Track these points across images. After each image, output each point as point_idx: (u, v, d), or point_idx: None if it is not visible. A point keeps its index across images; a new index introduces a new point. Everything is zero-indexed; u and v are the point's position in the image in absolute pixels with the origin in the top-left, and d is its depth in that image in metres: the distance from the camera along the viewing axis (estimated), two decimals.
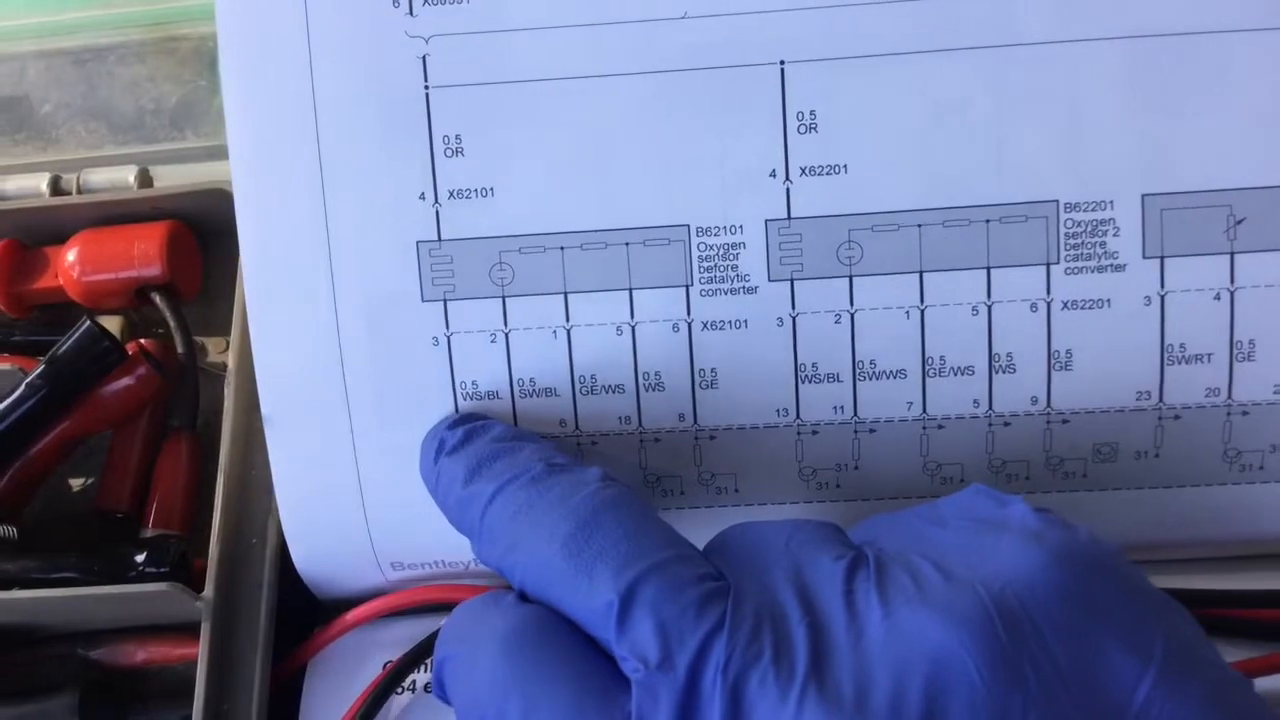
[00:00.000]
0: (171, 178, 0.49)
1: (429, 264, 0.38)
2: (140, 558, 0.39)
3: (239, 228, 0.38)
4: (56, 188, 0.48)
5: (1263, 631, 0.38)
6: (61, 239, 0.47)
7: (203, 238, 0.48)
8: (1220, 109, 0.36)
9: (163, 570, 0.39)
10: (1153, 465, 0.38)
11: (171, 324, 0.45)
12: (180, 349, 0.45)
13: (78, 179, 0.48)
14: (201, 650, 0.38)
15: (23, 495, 0.44)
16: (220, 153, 0.50)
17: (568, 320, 0.38)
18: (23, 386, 0.41)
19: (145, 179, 0.48)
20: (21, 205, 0.47)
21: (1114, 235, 0.36)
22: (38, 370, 0.41)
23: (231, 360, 0.43)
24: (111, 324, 0.47)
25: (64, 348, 0.41)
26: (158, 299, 0.46)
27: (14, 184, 0.48)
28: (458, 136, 0.37)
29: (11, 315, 0.47)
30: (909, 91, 0.37)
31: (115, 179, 0.48)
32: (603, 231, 0.37)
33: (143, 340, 0.46)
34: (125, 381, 0.44)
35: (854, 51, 0.37)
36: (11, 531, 0.42)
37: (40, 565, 0.39)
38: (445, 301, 0.38)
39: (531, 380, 0.38)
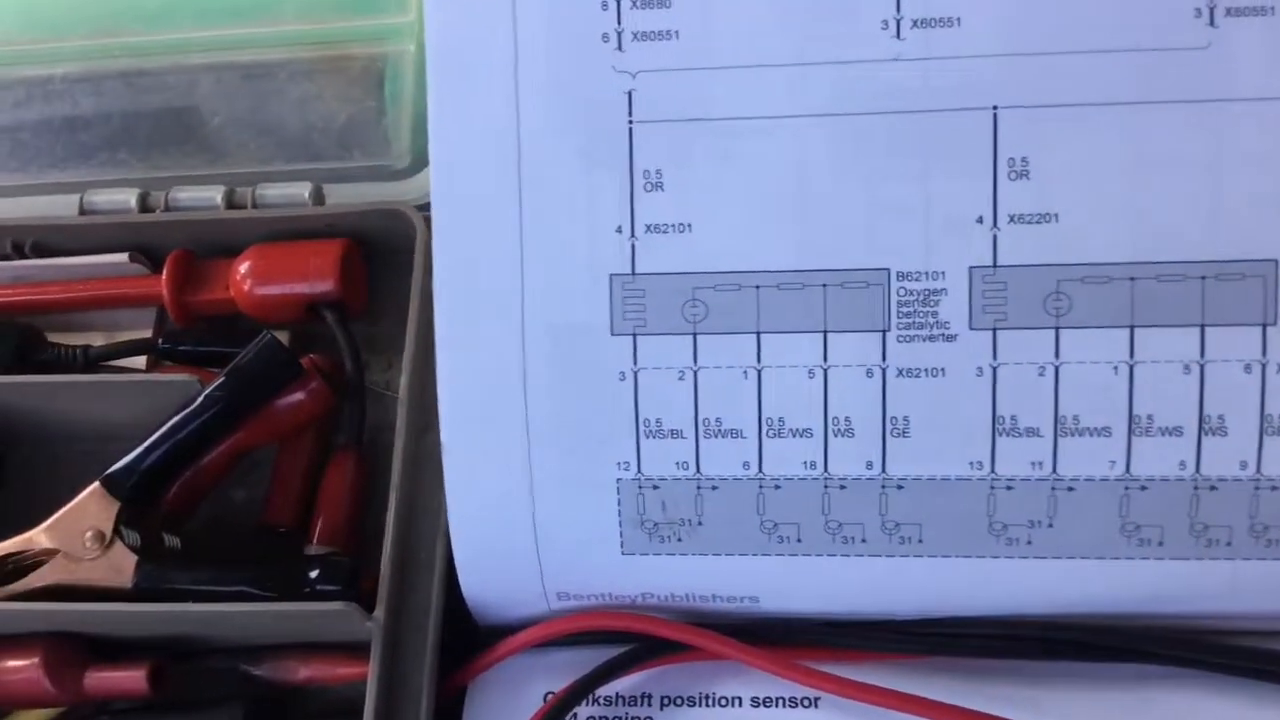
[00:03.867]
0: (339, 196, 0.49)
1: (621, 297, 0.37)
2: (314, 574, 0.38)
3: (434, 251, 0.38)
4: (231, 201, 0.48)
5: None
6: (232, 252, 0.47)
7: (369, 257, 0.48)
8: None
9: (335, 588, 0.39)
10: None
11: (341, 341, 0.45)
12: (349, 366, 0.45)
13: (252, 193, 0.48)
14: (371, 670, 0.38)
15: (189, 507, 0.44)
16: (386, 173, 0.50)
17: (759, 361, 0.37)
18: (202, 397, 0.41)
19: (319, 196, 0.48)
20: (196, 217, 0.48)
21: None
22: (218, 382, 0.41)
23: (405, 382, 0.43)
24: (280, 339, 0.47)
25: (246, 360, 0.41)
26: (328, 316, 0.46)
27: (187, 195, 0.49)
28: (658, 171, 0.37)
29: (179, 325, 0.47)
30: (1123, 141, 0.36)
31: (290, 195, 0.48)
32: (800, 272, 0.37)
33: (313, 356, 0.45)
34: (297, 396, 0.43)
35: (1069, 99, 0.36)
36: (176, 542, 0.42)
37: (212, 577, 0.39)
38: (635, 336, 0.37)
39: (718, 420, 0.38)
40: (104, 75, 0.53)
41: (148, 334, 0.48)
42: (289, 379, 0.42)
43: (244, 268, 0.46)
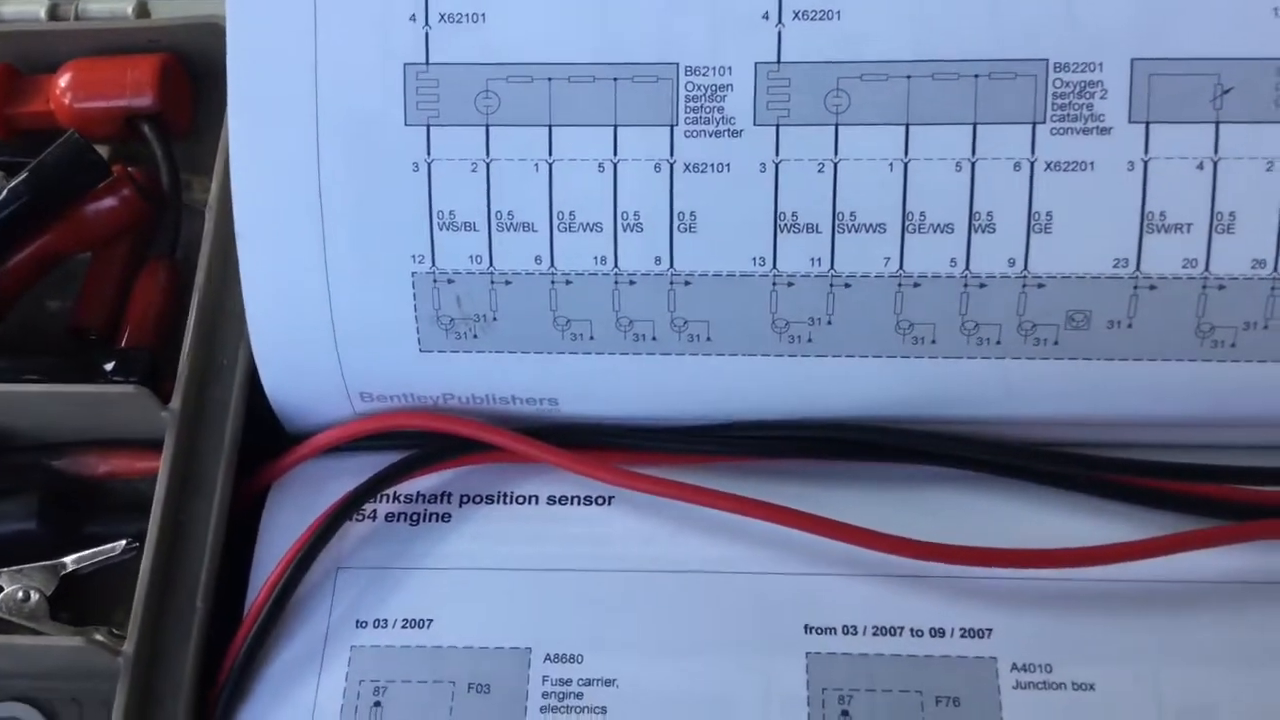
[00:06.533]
0: (164, 12, 0.49)
1: (415, 87, 0.38)
2: (110, 366, 0.39)
3: (228, 42, 0.38)
4: (54, 14, 0.48)
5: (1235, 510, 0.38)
6: (55, 67, 0.47)
7: (196, 78, 0.48)
8: None
9: (131, 380, 0.39)
10: (1125, 336, 0.37)
11: (158, 153, 0.45)
12: (165, 179, 0.45)
13: (75, 7, 0.48)
14: (164, 460, 0.38)
15: None
16: None
17: (550, 154, 0.38)
18: (5, 192, 0.41)
19: (143, 10, 0.48)
20: (18, 29, 0.47)
21: (1101, 98, 0.36)
22: (21, 177, 0.41)
23: (214, 189, 0.43)
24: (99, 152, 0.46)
25: (49, 157, 0.41)
26: (146, 129, 0.46)
27: (11, 8, 0.48)
28: None
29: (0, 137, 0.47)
30: None
31: (113, 9, 0.48)
32: (592, 65, 0.37)
33: (130, 169, 0.45)
34: (108, 202, 0.44)
35: None
36: None
37: (10, 366, 0.39)
38: (429, 127, 0.38)
39: (510, 213, 0.38)
40: None
41: None
42: (94, 179, 0.42)
43: (64, 80, 0.46)
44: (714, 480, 0.40)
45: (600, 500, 0.41)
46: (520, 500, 0.41)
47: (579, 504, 0.41)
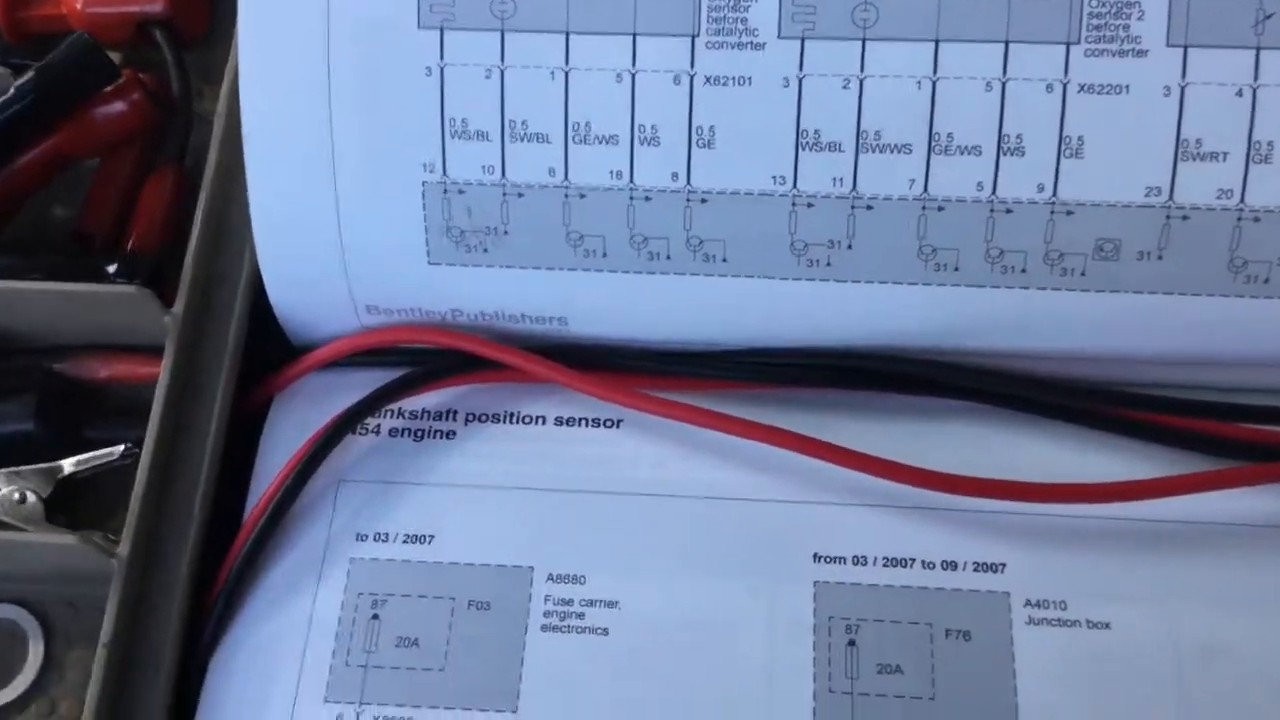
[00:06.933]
0: None
1: None
2: (113, 268, 0.38)
3: None
4: None
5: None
6: None
7: None
8: None
9: (134, 282, 0.38)
10: (1155, 268, 0.36)
11: (169, 59, 0.45)
12: (175, 84, 0.44)
13: None
14: (165, 364, 0.38)
15: (4, 211, 0.43)
16: None
17: (566, 62, 0.37)
18: (13, 89, 0.40)
19: None
20: None
21: (1138, 19, 0.35)
22: (28, 75, 0.40)
23: (223, 96, 0.42)
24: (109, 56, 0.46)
25: (58, 56, 0.40)
26: (158, 34, 0.45)
27: None
28: None
29: (12, 41, 0.46)
30: None
31: None
32: None
33: (140, 74, 0.44)
34: (117, 106, 0.43)
35: None
36: None
37: (12, 265, 0.39)
38: (442, 30, 0.37)
39: (524, 123, 0.37)
40: None
41: None
42: (103, 81, 0.42)
43: None
44: (725, 406, 0.39)
45: (609, 423, 0.40)
46: (527, 420, 0.40)
47: (587, 425, 0.40)
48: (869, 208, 0.37)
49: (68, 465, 0.38)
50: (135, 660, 0.35)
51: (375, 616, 0.36)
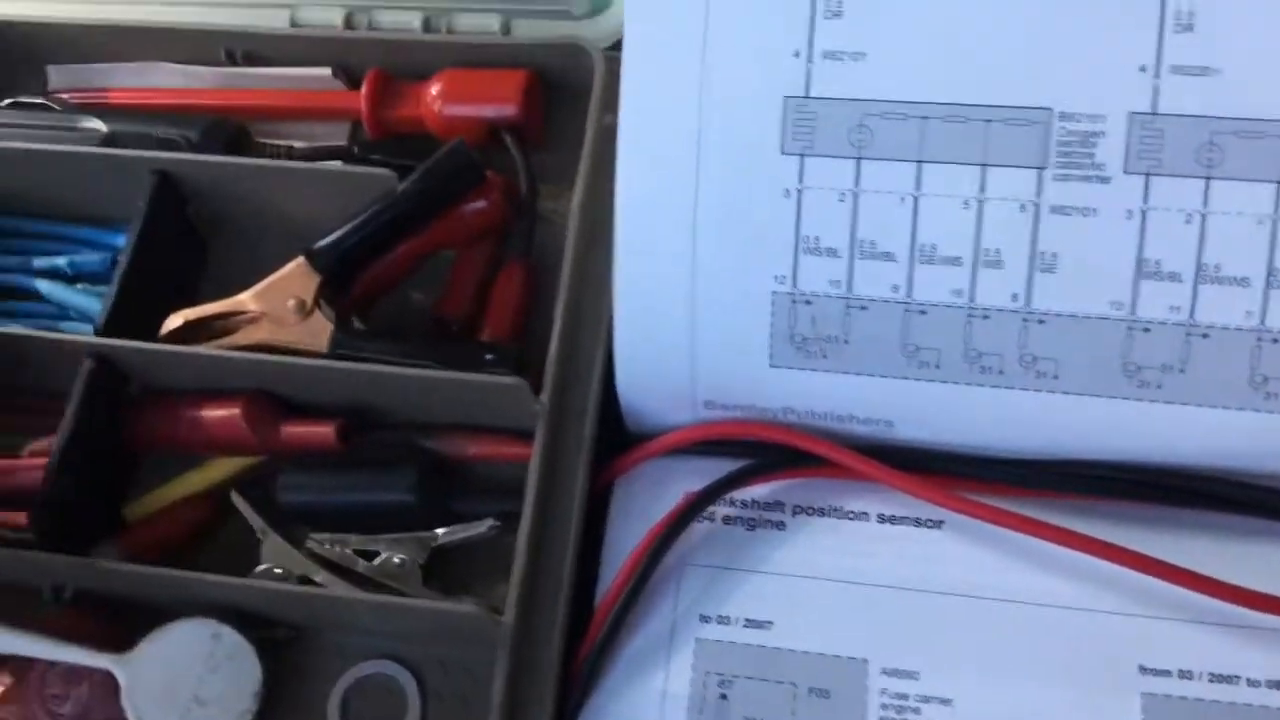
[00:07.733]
0: (523, 31, 0.52)
1: (793, 119, 0.40)
2: (489, 357, 0.42)
3: (623, 69, 0.40)
4: (427, 26, 0.52)
5: None
6: (422, 75, 0.51)
7: (548, 91, 0.51)
8: None
9: (507, 371, 0.42)
10: None
11: (519, 161, 0.49)
12: (524, 185, 0.48)
13: (447, 20, 0.52)
14: (536, 448, 0.42)
15: (373, 299, 0.48)
16: (564, 16, 0.53)
17: (917, 188, 0.39)
18: (399, 191, 0.45)
19: (507, 28, 0.52)
20: (394, 37, 0.51)
21: None
22: (412, 178, 0.45)
23: (577, 198, 0.46)
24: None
25: (438, 161, 0.45)
26: (508, 138, 0.49)
27: (388, 18, 0.52)
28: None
29: (371, 136, 0.51)
30: None
31: (481, 24, 0.52)
32: (965, 106, 0.39)
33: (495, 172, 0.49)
34: (479, 204, 0.47)
35: None
36: (362, 326, 0.46)
37: (398, 350, 0.43)
38: (803, 156, 0.40)
39: (872, 243, 0.40)
40: None
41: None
42: (473, 183, 0.46)
43: (435, 88, 0.50)
44: (1045, 515, 0.41)
45: (930, 523, 0.42)
46: (850, 515, 0.43)
47: (909, 525, 0.42)
48: (1205, 335, 0.38)
49: (440, 535, 0.43)
50: None
51: (723, 696, 0.39)
